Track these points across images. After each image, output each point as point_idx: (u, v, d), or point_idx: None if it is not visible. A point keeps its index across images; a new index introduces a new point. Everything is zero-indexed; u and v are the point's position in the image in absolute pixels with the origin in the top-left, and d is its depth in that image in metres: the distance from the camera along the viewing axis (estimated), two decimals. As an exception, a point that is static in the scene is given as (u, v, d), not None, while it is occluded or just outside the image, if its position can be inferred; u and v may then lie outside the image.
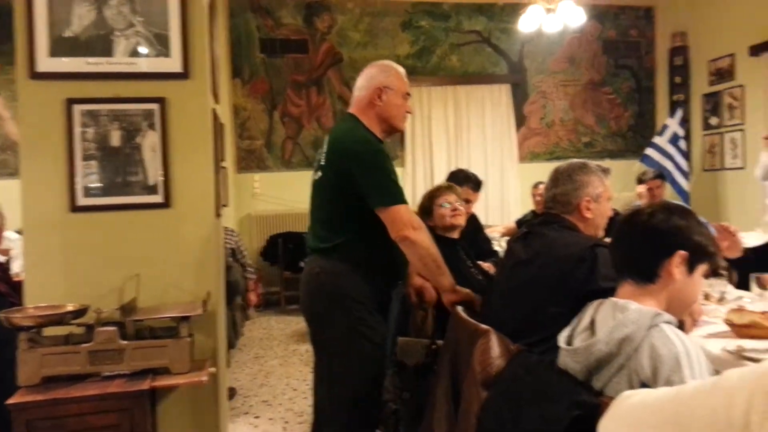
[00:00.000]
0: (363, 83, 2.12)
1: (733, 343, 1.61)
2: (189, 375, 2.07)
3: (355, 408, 2.05)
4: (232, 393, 3.70)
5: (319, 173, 2.12)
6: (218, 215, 2.54)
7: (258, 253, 6.27)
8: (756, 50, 5.78)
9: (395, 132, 2.20)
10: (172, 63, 2.29)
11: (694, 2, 6.67)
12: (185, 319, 2.09)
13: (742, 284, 2.38)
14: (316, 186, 2.14)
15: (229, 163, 6.19)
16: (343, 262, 2.05)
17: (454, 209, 2.62)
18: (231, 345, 4.23)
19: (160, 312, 2.14)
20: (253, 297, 4.84)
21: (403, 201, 2.00)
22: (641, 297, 1.31)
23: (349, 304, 2.05)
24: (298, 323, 5.39)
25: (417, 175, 6.67)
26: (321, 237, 2.10)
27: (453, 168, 6.26)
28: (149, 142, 2.30)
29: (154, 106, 2.29)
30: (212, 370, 2.18)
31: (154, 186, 2.31)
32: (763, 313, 1.75)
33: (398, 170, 6.37)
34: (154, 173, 2.31)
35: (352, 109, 2.14)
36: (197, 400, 2.35)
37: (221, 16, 6.02)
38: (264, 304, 6.17)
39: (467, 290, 2.10)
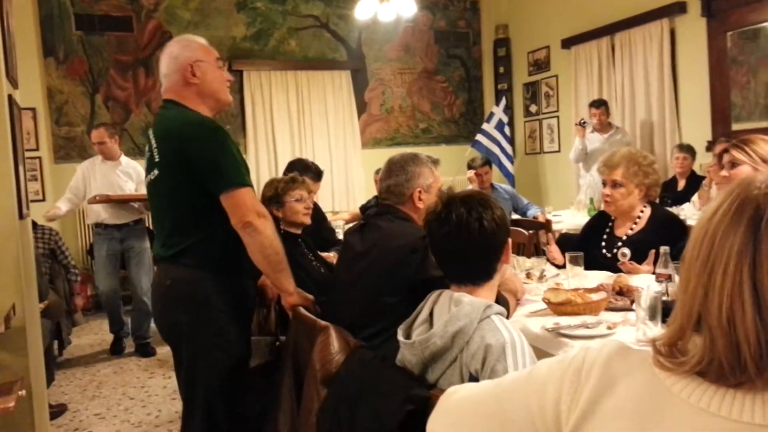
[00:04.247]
0: (169, 65, 1.91)
1: (551, 321, 1.74)
2: (-7, 402, 1.82)
3: (205, 417, 1.91)
4: (60, 409, 3.36)
5: (155, 171, 1.87)
6: (23, 215, 2.23)
7: (85, 252, 5.70)
8: (566, 43, 6.39)
9: (223, 106, 2.02)
10: (-48, 42, 1.96)
11: (514, -3, 7.20)
12: (-16, 338, 1.85)
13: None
14: (154, 187, 1.91)
15: (44, 152, 5.56)
16: (197, 268, 1.85)
17: (307, 207, 2.56)
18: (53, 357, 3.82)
19: (-49, 333, 1.87)
20: (79, 301, 4.41)
21: (248, 183, 1.81)
22: (476, 292, 1.36)
23: (209, 313, 1.86)
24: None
25: (261, 163, 6.46)
26: (167, 243, 1.89)
27: (297, 155, 6.20)
28: (-73, 134, 1.96)
29: (-69, 93, 1.96)
30: (21, 393, 1.93)
31: (-63, 186, 1.98)
32: (576, 290, 1.92)
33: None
34: (-65, 171, 1.98)
35: (167, 95, 1.93)
36: (9, 427, 2.08)
37: (25, -13, 5.33)
38: (94, 306, 5.63)
39: (307, 294, 2.00)
